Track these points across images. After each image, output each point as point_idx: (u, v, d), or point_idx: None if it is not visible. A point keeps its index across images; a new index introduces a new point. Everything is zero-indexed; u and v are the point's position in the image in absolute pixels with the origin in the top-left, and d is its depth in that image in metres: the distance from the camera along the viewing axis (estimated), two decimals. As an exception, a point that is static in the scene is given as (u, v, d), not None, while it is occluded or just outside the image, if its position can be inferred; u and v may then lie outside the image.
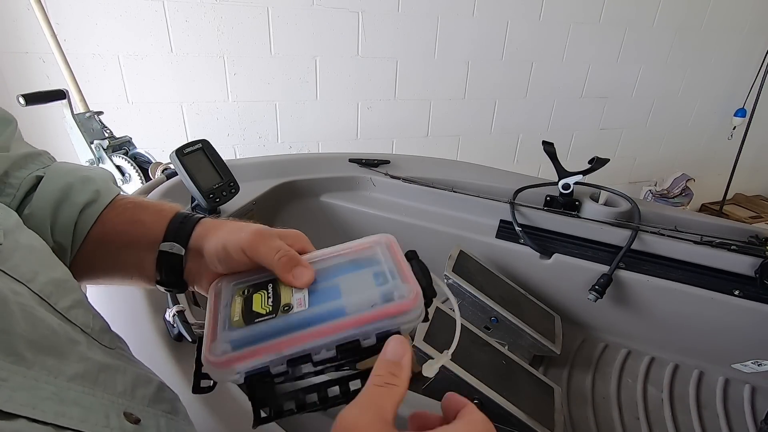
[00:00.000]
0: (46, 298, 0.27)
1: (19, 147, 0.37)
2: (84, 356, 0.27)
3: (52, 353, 0.25)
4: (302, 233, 0.37)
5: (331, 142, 1.96)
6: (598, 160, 0.97)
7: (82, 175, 0.38)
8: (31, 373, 0.23)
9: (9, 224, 0.28)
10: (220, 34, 1.62)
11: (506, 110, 2.20)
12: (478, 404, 0.67)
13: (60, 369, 0.25)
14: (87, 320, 0.30)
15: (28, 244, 0.29)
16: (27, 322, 0.24)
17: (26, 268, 0.27)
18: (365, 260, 0.33)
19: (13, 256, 0.26)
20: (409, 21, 1.83)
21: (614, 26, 2.17)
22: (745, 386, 0.92)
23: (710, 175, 2.82)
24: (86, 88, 1.23)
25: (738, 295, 0.89)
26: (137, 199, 0.40)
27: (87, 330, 0.30)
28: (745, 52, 2.50)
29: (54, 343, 0.26)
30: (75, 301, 0.30)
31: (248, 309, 0.30)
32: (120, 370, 0.30)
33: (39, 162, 0.38)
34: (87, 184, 0.37)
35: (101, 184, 0.38)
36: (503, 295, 0.94)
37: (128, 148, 1.18)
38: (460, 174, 1.19)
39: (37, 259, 0.29)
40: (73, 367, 0.26)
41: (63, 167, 0.38)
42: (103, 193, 0.38)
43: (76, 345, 0.27)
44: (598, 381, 0.93)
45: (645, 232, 0.95)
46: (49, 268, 0.30)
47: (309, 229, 1.34)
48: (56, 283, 0.29)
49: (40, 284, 0.27)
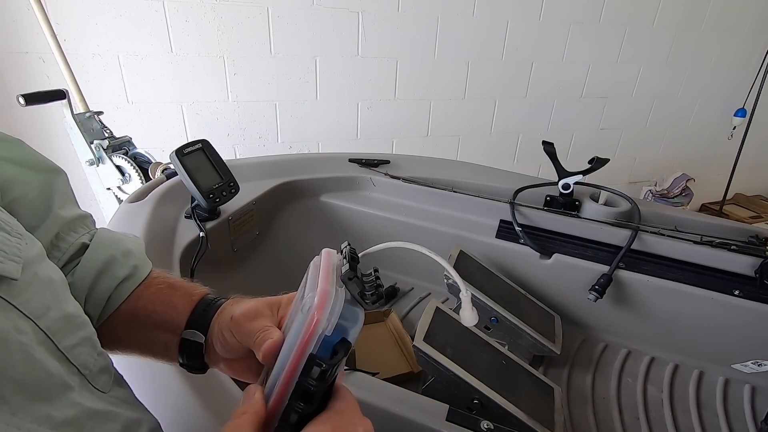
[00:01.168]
0: (51, 336, 0.27)
1: (68, 206, 0.39)
2: (74, 402, 0.27)
3: (41, 398, 0.25)
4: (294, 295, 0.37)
5: (331, 142, 1.96)
6: (598, 160, 0.97)
7: (124, 249, 0.40)
8: (14, 420, 0.23)
9: (30, 255, 0.29)
10: (220, 34, 1.62)
11: (506, 110, 2.20)
12: (478, 404, 0.68)
13: (48, 415, 0.25)
14: (88, 360, 0.31)
15: (47, 276, 0.30)
16: (24, 364, 0.24)
17: (39, 303, 0.27)
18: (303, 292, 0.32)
19: (27, 290, 0.27)
20: (409, 21, 1.83)
21: (614, 26, 2.17)
22: (745, 386, 0.91)
23: (710, 175, 2.82)
24: (86, 88, 1.23)
25: (738, 295, 0.89)
26: (170, 279, 0.42)
27: (84, 372, 0.30)
28: (745, 52, 2.49)
29: (46, 387, 0.26)
30: (82, 338, 0.30)
31: None
32: (110, 417, 0.30)
33: (85, 226, 0.40)
34: (128, 258, 0.40)
35: (139, 259, 0.41)
36: (503, 295, 0.94)
37: (128, 148, 1.18)
38: (460, 174, 1.19)
39: (52, 293, 0.29)
40: (61, 413, 0.26)
41: (107, 237, 0.40)
42: (140, 268, 0.40)
43: (69, 391, 0.27)
44: (598, 381, 0.93)
45: (645, 232, 0.95)
46: (63, 302, 0.30)
47: (309, 229, 1.34)
48: (67, 318, 0.29)
49: (50, 321, 0.28)
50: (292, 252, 1.12)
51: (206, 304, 0.38)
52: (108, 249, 0.39)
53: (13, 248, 0.27)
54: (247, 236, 1.01)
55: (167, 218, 0.86)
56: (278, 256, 1.09)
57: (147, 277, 0.41)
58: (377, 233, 1.16)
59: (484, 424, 0.55)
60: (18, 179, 0.34)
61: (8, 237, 0.27)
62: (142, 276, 0.40)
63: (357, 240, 1.19)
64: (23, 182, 0.35)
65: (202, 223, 0.86)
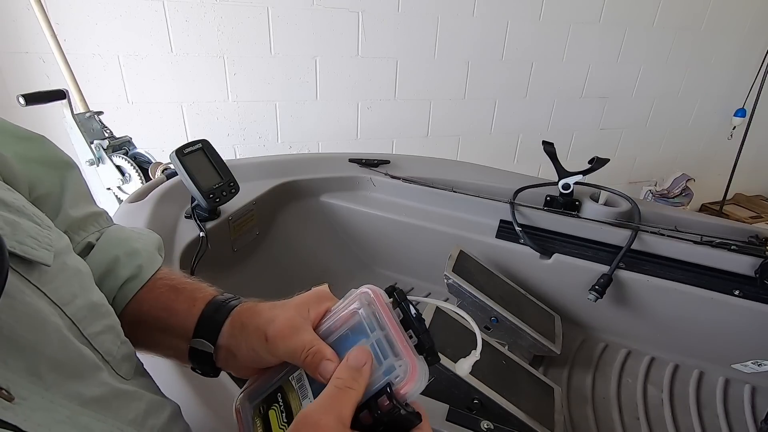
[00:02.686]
0: (77, 323, 0.28)
1: (81, 204, 0.39)
2: (104, 381, 0.29)
3: (74, 376, 0.26)
4: (322, 290, 0.37)
5: (331, 142, 1.96)
6: (598, 160, 0.97)
7: (130, 248, 0.39)
8: (48, 395, 0.24)
9: (60, 246, 0.30)
10: (220, 34, 1.62)
11: (506, 110, 2.20)
12: (478, 404, 0.68)
13: (78, 392, 0.26)
14: (112, 348, 0.31)
15: (74, 266, 0.31)
16: (60, 344, 0.26)
17: (66, 291, 0.28)
18: (357, 330, 0.32)
19: (57, 278, 0.28)
20: (409, 21, 1.83)
21: (614, 26, 2.17)
22: (745, 386, 0.91)
23: (710, 175, 2.82)
24: (86, 88, 1.23)
25: (738, 295, 0.89)
26: (173, 281, 0.40)
27: (108, 359, 0.31)
28: (745, 52, 2.49)
29: (80, 366, 0.27)
30: (106, 326, 0.31)
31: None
32: (136, 397, 0.31)
33: (96, 225, 0.40)
34: (132, 258, 0.39)
35: (144, 259, 0.40)
36: (503, 295, 0.94)
37: (128, 148, 1.18)
38: (460, 174, 1.19)
39: (79, 282, 0.30)
40: (90, 391, 0.27)
41: (115, 236, 0.40)
42: (144, 269, 0.39)
43: (99, 371, 0.29)
44: (598, 381, 0.93)
45: (645, 232, 0.95)
46: (89, 291, 0.31)
47: (309, 229, 1.34)
48: (92, 306, 0.30)
49: (76, 308, 0.28)
50: (292, 252, 1.12)
51: (213, 310, 0.37)
52: (113, 249, 0.38)
53: (45, 238, 0.28)
54: (247, 236, 1.01)
55: (167, 218, 0.86)
56: (278, 256, 1.09)
57: (152, 278, 0.40)
58: (377, 233, 1.16)
59: (484, 424, 0.55)
60: (41, 178, 0.35)
61: (39, 228, 0.28)
62: (146, 277, 0.39)
63: (357, 240, 1.19)
64: (45, 181, 0.35)
65: (202, 223, 0.86)
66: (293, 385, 0.33)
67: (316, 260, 1.15)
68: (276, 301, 0.37)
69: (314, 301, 0.35)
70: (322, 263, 1.16)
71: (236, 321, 0.36)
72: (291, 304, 0.35)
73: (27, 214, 0.28)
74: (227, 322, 0.36)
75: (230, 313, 0.37)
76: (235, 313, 0.36)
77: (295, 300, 0.35)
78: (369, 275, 1.19)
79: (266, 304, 0.36)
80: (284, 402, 0.33)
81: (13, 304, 0.24)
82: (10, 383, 0.22)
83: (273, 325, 0.33)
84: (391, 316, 0.32)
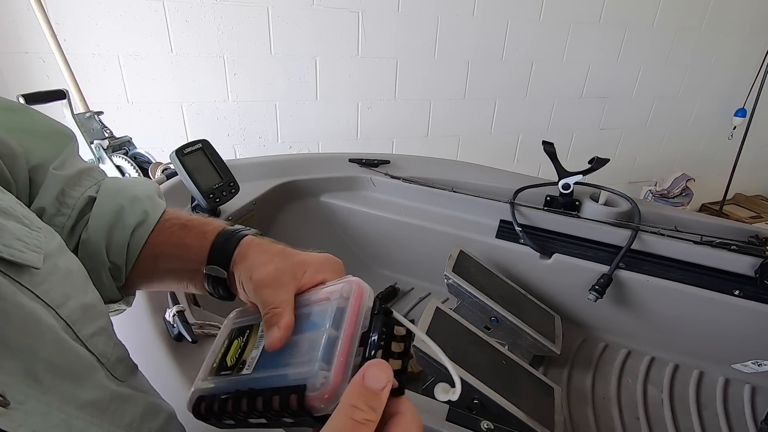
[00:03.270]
0: (71, 324, 0.28)
1: (73, 163, 0.39)
2: (101, 384, 0.28)
3: (70, 378, 0.26)
4: (332, 260, 0.36)
5: (331, 142, 1.96)
6: (598, 160, 0.97)
7: (131, 195, 0.40)
8: (45, 399, 0.24)
9: (51, 248, 0.30)
10: (220, 34, 1.62)
11: (506, 110, 2.20)
12: (478, 404, 0.68)
13: (74, 395, 0.26)
14: (106, 349, 0.31)
15: (66, 267, 0.30)
16: (55, 345, 0.25)
17: (58, 293, 0.28)
18: (318, 315, 0.31)
19: (48, 280, 0.28)
20: (409, 21, 1.83)
21: (614, 26, 2.17)
22: (745, 386, 0.91)
23: (710, 175, 2.82)
24: (86, 88, 1.23)
25: (738, 295, 0.89)
26: (182, 218, 0.41)
27: (103, 360, 0.30)
28: (745, 52, 2.49)
29: (76, 368, 0.27)
30: (99, 328, 0.31)
31: (223, 358, 0.33)
32: (132, 400, 0.31)
33: (91, 178, 0.40)
34: (135, 204, 0.39)
35: (148, 204, 0.40)
36: (503, 295, 0.94)
37: (128, 148, 1.18)
38: (460, 174, 1.19)
39: (71, 283, 0.30)
40: (87, 394, 0.27)
41: (113, 186, 0.40)
42: (150, 213, 0.40)
43: (96, 372, 0.29)
44: (598, 381, 0.93)
45: (645, 232, 0.95)
46: (81, 292, 0.31)
47: (309, 229, 1.34)
48: (85, 308, 0.30)
49: (69, 309, 0.28)
50: (292, 252, 1.12)
51: (224, 240, 0.38)
52: (115, 199, 0.39)
53: (33, 240, 0.27)
54: (247, 236, 1.01)
55: (167, 218, 0.86)
56: (278, 256, 1.09)
57: (159, 221, 0.40)
58: (377, 233, 1.16)
59: (484, 424, 0.55)
60: (33, 149, 0.35)
61: (28, 230, 0.28)
62: (154, 220, 0.40)
63: (357, 240, 1.19)
64: (37, 151, 0.35)
65: (202, 223, 0.86)
66: (258, 330, 0.33)
67: (316, 260, 1.15)
68: (287, 248, 0.37)
69: (316, 267, 0.35)
70: (322, 263, 1.16)
71: (242, 252, 0.37)
72: (292, 260, 0.35)
73: (14, 215, 0.28)
74: (236, 251, 0.37)
75: (239, 243, 0.38)
76: (243, 243, 0.37)
77: (300, 257, 0.36)
78: (369, 275, 1.19)
79: (272, 248, 0.37)
80: (245, 340, 0.33)
81: (5, 306, 0.23)
82: (6, 387, 0.22)
83: (260, 271, 0.34)
84: (355, 323, 0.28)
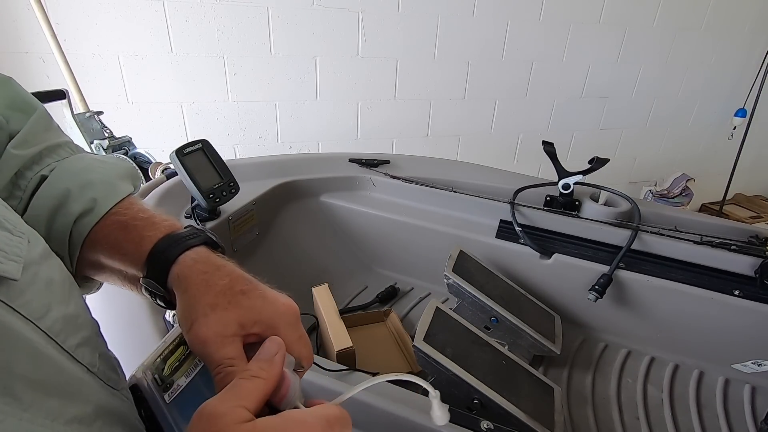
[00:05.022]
0: (54, 336, 0.27)
1: (42, 138, 0.36)
2: (88, 398, 0.27)
3: (55, 394, 0.25)
4: (291, 308, 0.34)
5: (331, 142, 1.96)
6: (598, 160, 0.97)
7: (83, 180, 0.35)
8: (26, 416, 0.22)
9: (32, 256, 0.28)
10: (220, 34, 1.62)
11: (506, 110, 2.20)
12: (478, 404, 0.68)
13: (60, 411, 0.25)
14: (93, 359, 0.30)
15: (47, 277, 0.29)
16: (32, 361, 0.24)
17: (38, 304, 0.27)
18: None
19: (27, 291, 0.26)
20: (409, 21, 1.83)
21: (614, 26, 2.17)
22: (745, 386, 0.91)
23: (710, 175, 2.82)
24: (86, 88, 1.23)
25: (738, 295, 0.89)
26: (128, 215, 0.36)
27: (93, 369, 0.29)
28: (745, 52, 2.50)
29: (59, 383, 0.25)
30: (83, 338, 0.30)
31: (165, 358, 0.33)
32: (121, 417, 0.30)
33: (54, 156, 0.36)
34: (85, 190, 0.35)
35: (99, 191, 0.36)
36: (503, 295, 0.94)
37: (128, 148, 1.18)
38: (460, 174, 1.19)
39: (52, 293, 0.28)
40: (74, 409, 0.26)
41: (70, 167, 0.36)
42: (100, 202, 0.35)
43: (83, 385, 0.27)
44: (598, 381, 0.93)
45: (645, 232, 0.95)
46: (63, 303, 0.29)
47: (309, 229, 1.33)
48: (67, 319, 0.29)
49: (51, 321, 0.27)
50: (292, 252, 1.12)
51: (163, 250, 0.33)
52: (65, 182, 0.34)
53: (14, 248, 0.26)
54: (247, 236, 1.01)
55: (167, 218, 0.86)
56: (278, 256, 1.09)
57: (108, 213, 0.35)
58: (377, 233, 1.16)
59: (484, 424, 0.55)
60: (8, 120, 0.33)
61: (10, 236, 0.26)
62: (102, 211, 0.35)
63: (357, 240, 1.19)
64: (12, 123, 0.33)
65: (202, 223, 0.86)
66: (194, 359, 0.34)
67: (316, 260, 1.15)
68: (237, 277, 0.33)
69: (268, 323, 0.32)
70: (322, 263, 1.16)
71: (182, 273, 0.32)
72: (241, 305, 0.32)
73: None
74: (175, 269, 0.33)
75: (177, 260, 0.33)
76: (183, 262, 0.33)
77: (250, 302, 0.32)
78: (369, 275, 1.19)
79: (217, 281, 0.32)
80: (185, 357, 0.33)
81: None
82: None
83: (200, 323, 0.31)
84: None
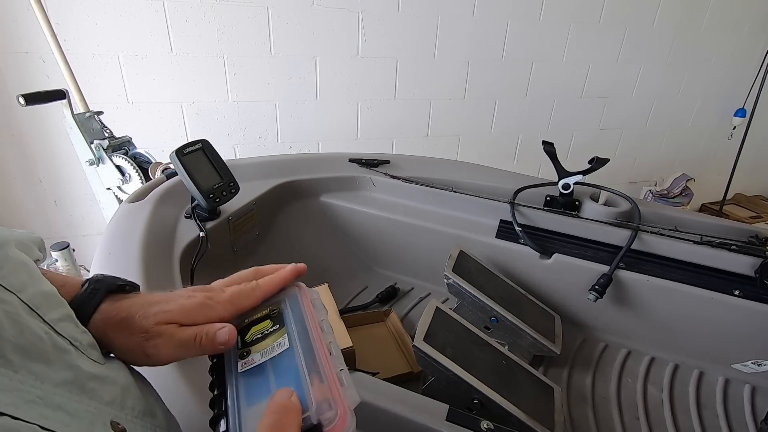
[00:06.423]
0: (35, 308, 0.28)
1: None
2: (72, 364, 0.28)
3: (39, 359, 0.25)
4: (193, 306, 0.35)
5: (331, 142, 1.96)
6: (598, 160, 0.97)
7: None
8: (17, 376, 0.23)
9: (1, 238, 0.29)
10: (220, 34, 1.62)
11: (506, 110, 2.20)
12: (478, 404, 0.68)
13: (47, 375, 0.25)
14: (75, 334, 0.30)
15: (19, 258, 0.30)
16: (14, 327, 0.25)
17: (15, 279, 0.28)
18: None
19: (4, 267, 0.27)
20: (409, 21, 1.83)
21: (614, 26, 2.17)
22: (745, 386, 0.91)
23: (710, 175, 2.82)
24: (86, 88, 1.23)
25: (738, 295, 0.89)
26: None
27: (75, 343, 0.30)
28: (745, 52, 2.50)
29: (41, 350, 0.26)
30: (63, 314, 0.30)
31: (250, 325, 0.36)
32: (109, 381, 0.30)
33: None
34: None
35: None
36: (503, 295, 0.94)
37: (128, 148, 1.18)
38: (460, 174, 1.19)
39: (27, 272, 0.30)
40: (60, 374, 0.26)
41: None
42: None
43: (64, 353, 0.28)
44: (598, 381, 0.93)
45: (645, 232, 0.95)
46: (39, 281, 0.30)
47: (309, 229, 1.33)
48: (45, 295, 0.29)
49: (30, 294, 0.28)
50: (292, 252, 1.12)
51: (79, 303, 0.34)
52: None
53: None
54: (247, 236, 1.01)
55: (167, 218, 0.86)
56: (278, 256, 1.09)
57: None
58: (377, 233, 1.16)
59: (484, 424, 0.55)
60: None
61: None
62: None
63: (357, 240, 1.19)
64: None
65: (202, 223, 0.86)
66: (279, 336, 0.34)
67: (316, 260, 1.15)
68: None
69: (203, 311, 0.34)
70: (322, 263, 1.16)
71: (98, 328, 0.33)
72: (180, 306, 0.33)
73: None
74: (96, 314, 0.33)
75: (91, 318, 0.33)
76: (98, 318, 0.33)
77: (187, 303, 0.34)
78: (369, 275, 1.19)
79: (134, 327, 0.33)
80: (268, 332, 0.35)
81: None
82: None
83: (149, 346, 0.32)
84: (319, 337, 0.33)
